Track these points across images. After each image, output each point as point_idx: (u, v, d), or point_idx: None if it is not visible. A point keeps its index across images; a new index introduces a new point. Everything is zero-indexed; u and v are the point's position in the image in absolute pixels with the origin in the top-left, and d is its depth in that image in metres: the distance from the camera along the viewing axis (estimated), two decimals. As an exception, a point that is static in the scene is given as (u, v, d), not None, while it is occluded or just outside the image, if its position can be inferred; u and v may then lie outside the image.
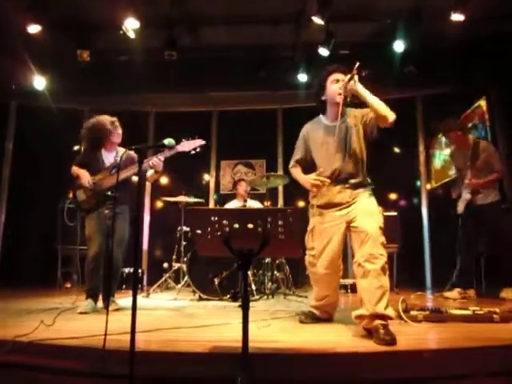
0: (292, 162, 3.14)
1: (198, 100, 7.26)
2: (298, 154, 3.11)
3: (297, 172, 3.08)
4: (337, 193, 2.84)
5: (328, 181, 2.80)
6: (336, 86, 2.84)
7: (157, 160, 3.60)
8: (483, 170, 4.46)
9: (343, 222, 2.79)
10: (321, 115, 3.06)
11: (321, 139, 2.96)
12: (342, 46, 5.88)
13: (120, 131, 3.97)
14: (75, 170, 3.91)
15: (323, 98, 2.94)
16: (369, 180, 2.96)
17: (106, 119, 3.93)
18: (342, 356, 2.11)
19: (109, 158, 3.96)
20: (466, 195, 4.56)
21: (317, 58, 5.73)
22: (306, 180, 2.88)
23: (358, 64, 2.65)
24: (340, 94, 2.76)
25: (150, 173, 3.82)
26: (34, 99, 6.42)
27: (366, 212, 2.74)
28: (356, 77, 2.70)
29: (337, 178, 2.85)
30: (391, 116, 2.69)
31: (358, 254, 2.61)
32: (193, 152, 3.51)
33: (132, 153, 3.86)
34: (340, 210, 2.82)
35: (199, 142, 3.60)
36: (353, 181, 2.85)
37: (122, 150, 3.99)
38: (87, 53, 5.76)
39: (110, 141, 3.92)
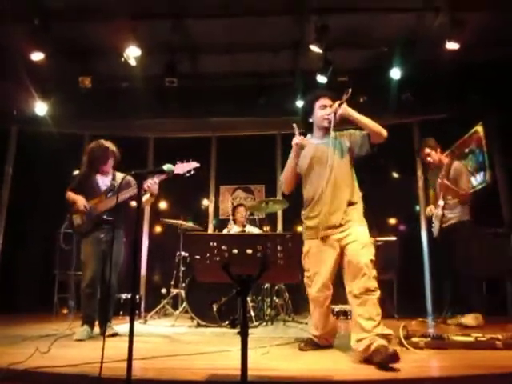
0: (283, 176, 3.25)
1: (197, 126, 7.32)
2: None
3: (285, 171, 3.19)
4: (328, 214, 2.84)
5: (304, 139, 3.01)
6: (323, 111, 2.99)
7: (152, 183, 3.62)
8: (449, 193, 4.44)
9: (337, 247, 2.83)
10: (308, 135, 3.19)
11: (309, 156, 3.03)
12: (339, 73, 5.96)
13: (115, 155, 4.02)
14: (70, 195, 3.90)
15: (310, 120, 3.10)
16: (359, 195, 2.98)
17: (107, 142, 3.99)
18: (341, 384, 2.08)
19: (104, 181, 3.97)
20: (439, 212, 4.53)
21: (315, 84, 5.82)
22: (292, 150, 3.05)
23: (349, 91, 2.82)
24: (327, 119, 2.93)
25: (145, 197, 3.81)
26: (35, 124, 6.47)
27: (360, 243, 2.76)
28: (345, 104, 2.85)
29: (326, 195, 2.86)
30: (384, 132, 2.84)
31: (353, 286, 2.68)
32: (187, 174, 3.52)
33: (128, 177, 3.89)
34: (334, 233, 2.83)
35: (194, 165, 3.59)
36: (344, 197, 2.86)
37: (119, 174, 4.01)
38: (89, 79, 5.85)
39: (108, 163, 3.96)
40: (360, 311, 2.61)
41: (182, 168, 3.54)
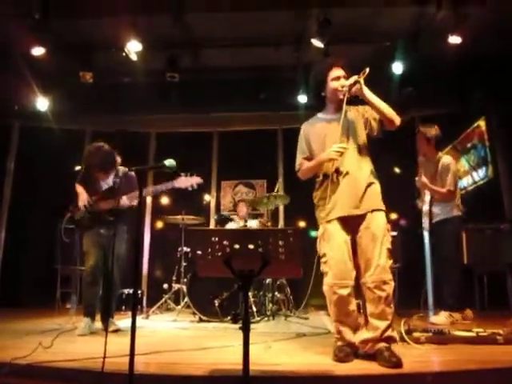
0: (298, 161, 2.88)
1: (199, 121, 7.31)
2: (302, 154, 2.88)
3: (307, 163, 2.81)
4: (344, 196, 2.63)
5: (346, 146, 2.63)
6: (337, 83, 2.74)
7: (154, 191, 3.65)
8: (437, 185, 4.38)
9: (352, 225, 2.63)
10: (318, 114, 2.94)
11: (321, 132, 2.80)
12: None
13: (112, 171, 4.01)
14: (78, 188, 3.94)
15: (323, 94, 2.82)
16: (375, 175, 2.82)
17: (104, 147, 3.96)
18: (343, 379, 2.08)
19: (107, 180, 3.96)
20: (425, 207, 4.51)
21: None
22: (326, 153, 2.64)
23: (366, 70, 2.66)
24: (341, 91, 2.70)
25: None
26: (36, 120, 6.47)
27: (378, 231, 2.55)
28: (362, 81, 2.67)
29: (342, 173, 2.66)
30: (397, 119, 2.70)
31: (368, 276, 2.48)
32: (190, 189, 3.51)
33: (131, 173, 3.88)
34: (350, 215, 2.61)
35: (196, 180, 3.53)
36: (360, 177, 2.68)
37: (122, 169, 4.00)
38: (90, 74, 5.83)
39: (106, 173, 3.96)
40: (373, 310, 2.45)
41: (185, 182, 3.52)
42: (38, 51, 5.16)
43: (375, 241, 2.52)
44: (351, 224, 2.62)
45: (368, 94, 2.69)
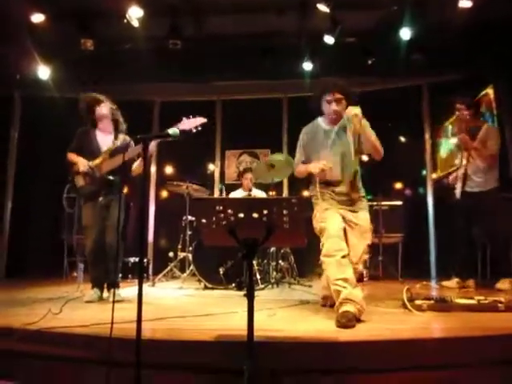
0: (296, 162, 3.29)
1: (202, 89, 7.21)
2: (300, 157, 3.26)
3: (301, 166, 3.22)
4: (338, 193, 3.08)
5: (330, 165, 2.97)
6: (330, 107, 3.04)
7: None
8: (476, 152, 4.33)
9: (343, 213, 3.03)
10: (318, 118, 3.22)
11: (318, 141, 3.13)
12: (347, 34, 5.81)
13: (105, 106, 3.94)
14: (71, 156, 3.85)
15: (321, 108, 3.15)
16: (363, 190, 3.19)
17: (89, 95, 3.95)
18: (345, 345, 2.12)
19: (106, 141, 3.89)
20: (460, 172, 4.47)
21: (322, 46, 5.68)
22: (314, 165, 3.02)
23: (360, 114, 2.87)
24: (334, 114, 3.03)
25: (136, 164, 3.75)
26: (38, 89, 6.40)
27: (364, 229, 3.04)
28: (362, 119, 2.92)
29: (334, 183, 3.07)
30: (380, 155, 3.05)
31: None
32: (194, 130, 3.45)
33: (127, 138, 3.87)
34: (341, 208, 3.05)
35: (200, 120, 3.46)
36: (351, 192, 3.09)
37: (122, 135, 3.93)
38: (91, 41, 5.72)
39: (96, 113, 3.89)
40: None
41: (189, 124, 3.45)
42: (37, 18, 5.07)
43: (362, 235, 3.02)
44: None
45: (364, 126, 2.98)
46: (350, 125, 2.97)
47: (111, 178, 3.71)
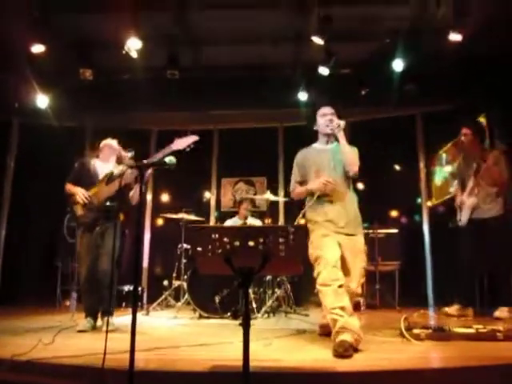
0: (292, 185, 3.37)
1: (199, 118, 7.29)
2: (296, 177, 3.35)
3: (300, 188, 3.29)
4: (334, 212, 3.07)
5: (334, 182, 3.04)
6: (324, 119, 3.22)
7: (154, 160, 3.59)
8: (485, 179, 4.34)
9: (339, 239, 3.02)
10: (313, 144, 3.38)
11: (313, 160, 3.24)
12: (342, 65, 5.94)
13: (107, 143, 3.99)
14: (69, 187, 3.88)
15: (315, 128, 3.32)
16: (359, 213, 3.20)
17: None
18: (342, 376, 2.09)
19: (104, 168, 3.92)
20: (472, 201, 4.40)
21: (317, 76, 5.79)
22: (316, 181, 3.10)
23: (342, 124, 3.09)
24: (327, 127, 3.16)
25: (133, 192, 3.77)
26: (36, 117, 6.46)
27: (359, 251, 3.08)
28: (342, 126, 3.09)
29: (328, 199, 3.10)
30: (354, 169, 3.10)
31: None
32: (187, 149, 3.46)
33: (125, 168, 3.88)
34: (338, 232, 3.03)
35: (192, 138, 3.48)
36: (345, 206, 3.10)
37: (121, 166, 3.93)
38: (90, 71, 5.81)
39: (100, 149, 3.97)
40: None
41: (181, 143, 3.46)
42: (37, 49, 5.15)
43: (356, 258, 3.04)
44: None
45: (342, 138, 3.11)
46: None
47: (109, 204, 3.70)
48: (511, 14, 5.00)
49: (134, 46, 5.25)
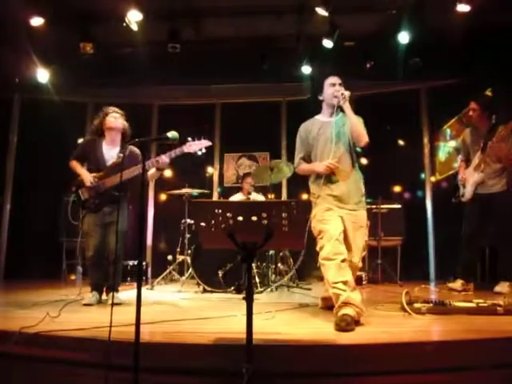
0: (297, 160, 3.30)
1: (201, 92, 7.23)
2: (300, 153, 3.29)
3: (305, 164, 3.25)
4: (338, 188, 3.04)
5: (338, 165, 3.01)
6: (332, 89, 3.13)
7: (164, 159, 3.58)
8: (491, 157, 4.28)
9: (342, 214, 3.01)
10: (316, 116, 3.29)
11: (317, 133, 3.17)
12: (346, 38, 5.83)
13: (114, 117, 3.85)
14: (74, 165, 3.84)
15: (320, 98, 3.22)
16: (363, 188, 3.18)
17: (104, 109, 3.91)
18: (343, 348, 2.12)
19: (111, 153, 3.85)
20: (478, 177, 4.36)
21: (321, 49, 5.69)
22: (320, 164, 3.05)
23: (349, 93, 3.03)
24: (335, 97, 3.07)
25: (151, 171, 3.73)
26: (37, 92, 6.41)
27: (361, 225, 3.08)
28: (347, 97, 3.03)
29: (337, 177, 3.05)
30: (363, 140, 3.03)
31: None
32: (199, 153, 3.49)
33: (136, 150, 3.82)
34: (341, 207, 3.02)
35: (205, 143, 3.55)
36: (349, 180, 3.07)
37: (129, 149, 3.82)
38: (90, 45, 5.73)
39: (107, 124, 3.83)
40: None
41: (194, 146, 3.48)
42: (36, 21, 5.07)
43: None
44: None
45: (348, 108, 3.03)
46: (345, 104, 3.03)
47: (116, 193, 3.66)
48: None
49: (134, 18, 5.17)
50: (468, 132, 4.70)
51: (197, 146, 3.50)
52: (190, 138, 3.52)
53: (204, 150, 3.52)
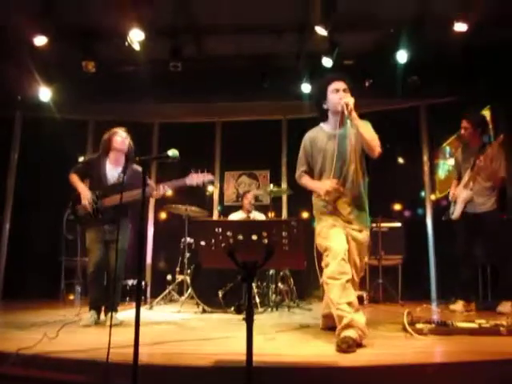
0: (298, 172, 3.18)
1: (201, 111, 7.27)
2: (302, 165, 3.16)
3: (307, 179, 3.13)
4: (343, 206, 2.97)
5: (341, 189, 2.92)
6: (336, 95, 2.94)
7: (164, 189, 3.59)
8: (481, 175, 4.31)
9: (346, 231, 2.96)
10: (321, 124, 3.14)
11: (321, 146, 3.03)
12: (345, 56, 5.89)
13: (121, 137, 3.85)
14: (75, 180, 3.82)
15: (324, 106, 3.04)
16: (365, 192, 3.06)
17: (110, 130, 3.93)
18: (344, 370, 2.09)
19: (114, 172, 3.86)
20: (466, 194, 4.38)
21: (320, 68, 5.74)
22: (321, 185, 2.94)
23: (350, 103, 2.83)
24: (339, 103, 2.88)
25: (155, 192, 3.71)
26: (39, 110, 6.45)
27: (364, 246, 3.05)
28: (352, 106, 2.85)
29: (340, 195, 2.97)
30: (376, 150, 2.89)
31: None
32: (200, 186, 3.48)
33: (139, 168, 3.79)
34: (345, 226, 2.96)
35: (208, 178, 3.49)
36: (354, 199, 2.98)
37: (131, 169, 3.82)
38: (92, 64, 5.78)
39: (112, 147, 3.84)
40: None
41: (195, 179, 3.46)
42: (40, 41, 5.13)
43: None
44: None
45: (356, 118, 2.86)
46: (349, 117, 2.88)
47: (114, 212, 3.65)
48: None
49: (136, 37, 5.22)
50: (460, 150, 4.74)
51: (199, 179, 3.46)
52: (192, 170, 3.49)
53: (206, 184, 3.51)
